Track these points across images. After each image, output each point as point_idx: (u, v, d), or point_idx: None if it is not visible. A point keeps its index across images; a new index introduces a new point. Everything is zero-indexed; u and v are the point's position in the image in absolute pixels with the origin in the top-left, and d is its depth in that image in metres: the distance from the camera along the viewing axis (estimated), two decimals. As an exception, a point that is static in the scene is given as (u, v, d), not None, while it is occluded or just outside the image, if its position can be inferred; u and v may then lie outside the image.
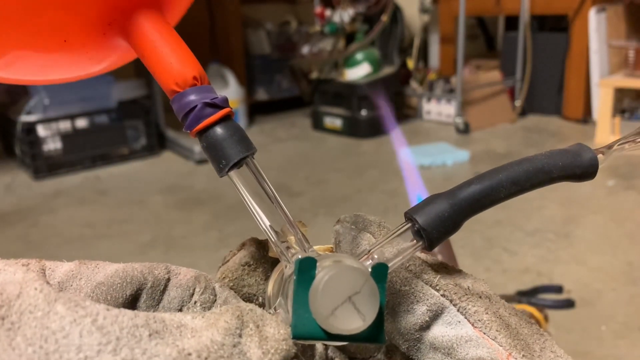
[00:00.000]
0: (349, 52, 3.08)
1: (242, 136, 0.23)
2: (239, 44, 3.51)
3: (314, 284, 0.20)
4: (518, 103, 3.21)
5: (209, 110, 0.23)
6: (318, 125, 3.21)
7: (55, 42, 0.24)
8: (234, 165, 0.23)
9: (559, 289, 1.45)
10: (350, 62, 3.08)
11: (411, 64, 3.38)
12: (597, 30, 2.89)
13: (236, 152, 0.23)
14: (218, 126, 0.23)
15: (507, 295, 1.41)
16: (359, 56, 3.07)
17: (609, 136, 2.71)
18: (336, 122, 3.11)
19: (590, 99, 3.01)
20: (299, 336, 0.20)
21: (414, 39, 3.42)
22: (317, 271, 0.20)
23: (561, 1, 3.06)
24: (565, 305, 1.39)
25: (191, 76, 0.23)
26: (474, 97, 3.12)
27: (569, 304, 1.40)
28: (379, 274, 0.21)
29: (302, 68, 3.29)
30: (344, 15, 3.06)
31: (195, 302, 0.23)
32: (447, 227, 0.22)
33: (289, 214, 0.24)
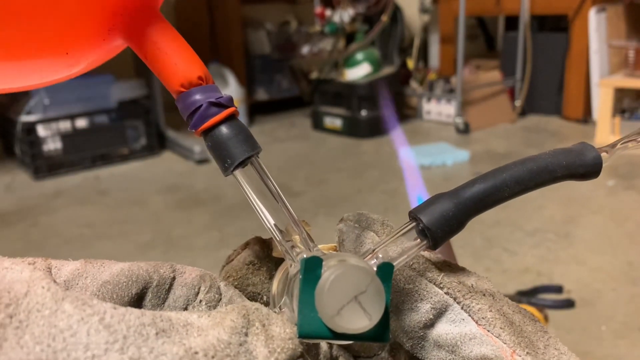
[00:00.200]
0: (349, 52, 3.08)
1: (247, 135, 0.23)
2: (239, 44, 3.51)
3: (320, 283, 0.20)
4: (518, 103, 3.21)
5: (214, 109, 0.23)
6: (318, 125, 3.21)
7: (57, 54, 0.23)
8: (239, 165, 0.23)
9: (559, 289, 1.45)
10: (350, 62, 3.08)
11: (411, 64, 3.38)
12: (597, 30, 2.90)
13: (241, 152, 0.23)
14: (223, 125, 0.23)
15: (507, 295, 1.41)
16: (359, 56, 3.07)
17: (609, 136, 2.71)
18: (336, 122, 3.11)
19: (590, 99, 3.01)
20: (304, 335, 0.20)
21: (414, 39, 3.42)
22: (323, 270, 0.20)
23: (561, 1, 3.06)
24: (565, 305, 1.39)
25: (196, 76, 0.23)
26: (474, 97, 3.12)
27: (569, 304, 1.40)
28: (385, 273, 0.21)
29: (302, 68, 3.29)
30: (344, 15, 3.06)
31: (200, 301, 0.23)
32: (452, 226, 0.22)
33: (293, 213, 0.24)
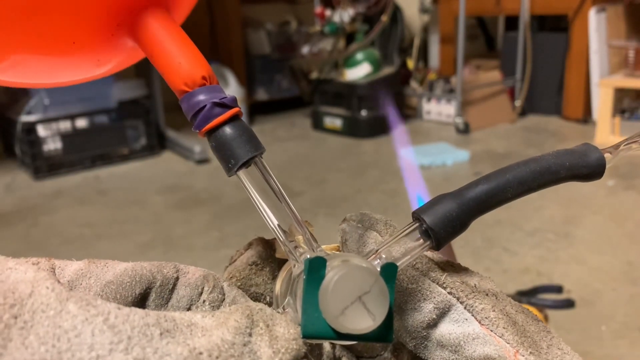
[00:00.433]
0: (349, 52, 3.08)
1: (251, 136, 0.23)
2: (239, 44, 3.51)
3: (323, 283, 0.20)
4: (518, 103, 3.21)
5: (217, 110, 0.23)
6: (318, 125, 3.21)
7: (63, 44, 0.24)
8: (242, 165, 0.23)
9: (559, 289, 1.45)
10: (350, 62, 3.08)
11: (411, 64, 3.38)
12: (597, 30, 2.90)
13: (245, 152, 0.23)
14: (227, 126, 0.23)
15: (507, 295, 1.41)
16: (359, 56, 3.07)
17: (609, 136, 2.71)
18: (336, 122, 3.11)
19: (590, 99, 3.01)
20: (308, 335, 0.20)
21: (414, 39, 3.42)
22: (327, 271, 0.20)
23: (561, 1, 3.07)
24: (565, 305, 1.39)
25: (200, 76, 0.23)
26: (474, 97, 3.12)
27: (569, 304, 1.40)
28: (388, 274, 0.21)
29: (302, 68, 3.28)
30: (344, 15, 3.06)
31: (204, 301, 0.23)
32: (455, 227, 0.22)
33: (297, 213, 0.24)
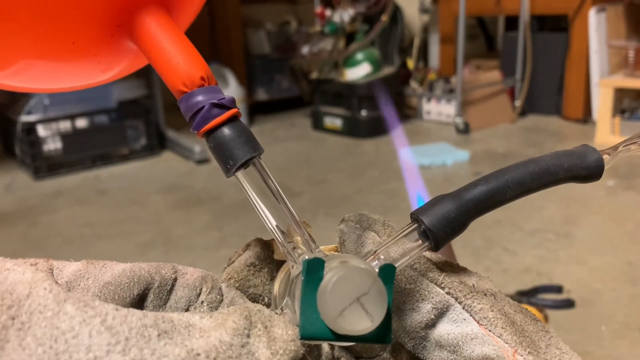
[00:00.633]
0: (349, 52, 3.08)
1: (249, 136, 0.23)
2: (239, 44, 3.51)
3: (322, 284, 0.20)
4: (518, 103, 3.21)
5: (216, 110, 0.23)
6: (318, 125, 3.21)
7: (63, 44, 0.23)
8: (241, 166, 0.23)
9: (559, 289, 1.45)
10: (350, 62, 3.08)
11: (411, 64, 3.38)
12: (597, 30, 2.90)
13: (243, 153, 0.23)
14: (225, 127, 0.23)
15: (507, 295, 1.41)
16: (359, 56, 3.07)
17: (609, 136, 2.71)
18: (336, 122, 3.11)
19: (590, 99, 3.01)
20: (307, 337, 0.20)
21: (414, 39, 3.42)
22: (325, 272, 0.20)
23: (561, 1, 3.06)
24: (565, 305, 1.39)
25: (198, 76, 0.23)
26: (474, 97, 3.12)
27: (569, 304, 1.40)
28: (387, 275, 0.21)
29: (302, 68, 3.28)
30: (344, 15, 3.06)
31: (202, 302, 0.23)
32: (454, 227, 0.22)
33: (295, 214, 0.24)
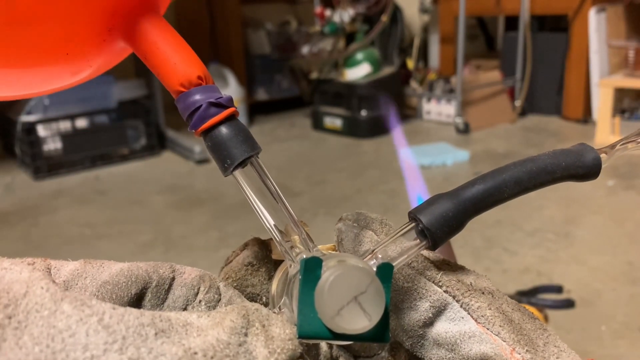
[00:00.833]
0: (349, 52, 3.08)
1: (247, 136, 0.23)
2: (239, 44, 3.51)
3: (319, 283, 0.20)
4: (518, 103, 3.21)
5: (213, 109, 0.23)
6: (318, 125, 3.21)
7: (57, 56, 0.23)
8: (238, 165, 0.23)
9: (559, 289, 1.45)
10: (350, 62, 3.08)
11: (411, 64, 3.38)
12: (597, 30, 2.90)
13: (241, 152, 0.23)
14: (223, 126, 0.23)
15: (506, 295, 1.41)
16: (359, 56, 3.07)
17: (609, 136, 2.71)
18: (336, 122, 3.11)
19: (590, 99, 3.01)
20: (304, 335, 0.20)
21: (414, 39, 3.42)
22: (323, 271, 0.20)
23: (561, 1, 3.06)
24: (565, 305, 1.39)
25: (195, 76, 0.23)
26: (474, 97, 3.12)
27: (569, 304, 1.40)
28: (385, 274, 0.21)
29: (302, 68, 3.28)
30: (344, 15, 3.06)
31: (200, 301, 0.23)
32: (451, 226, 0.22)
33: (293, 213, 0.24)
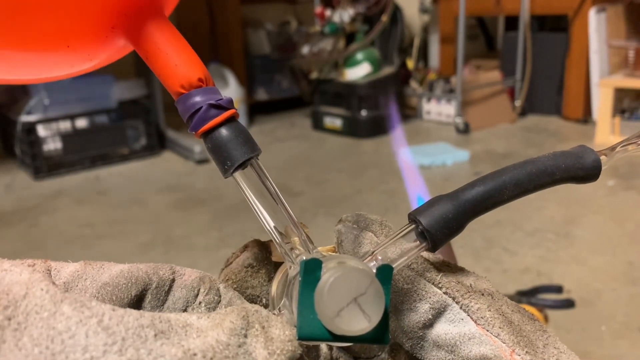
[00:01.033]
0: (349, 52, 3.08)
1: (247, 137, 0.23)
2: (239, 44, 3.51)
3: (319, 285, 0.20)
4: (518, 103, 3.21)
5: (214, 111, 0.23)
6: (318, 125, 3.21)
7: (58, 47, 0.24)
8: (238, 166, 0.23)
9: (559, 289, 1.45)
10: (350, 62, 3.08)
11: (411, 64, 3.38)
12: (597, 30, 2.90)
13: (241, 153, 0.23)
14: (223, 127, 0.23)
15: (507, 295, 1.41)
16: (359, 56, 3.07)
17: (609, 136, 2.71)
18: (336, 122, 3.11)
19: (590, 99, 3.01)
20: (304, 337, 0.20)
21: (414, 39, 3.42)
22: (323, 272, 0.20)
23: (561, 1, 3.06)
24: (565, 305, 1.39)
25: (196, 77, 0.23)
26: (474, 97, 3.12)
27: (569, 304, 1.40)
28: (384, 275, 0.21)
29: (302, 68, 3.28)
30: (344, 15, 3.06)
31: (199, 303, 0.23)
32: (451, 228, 0.22)
33: (293, 215, 0.24)
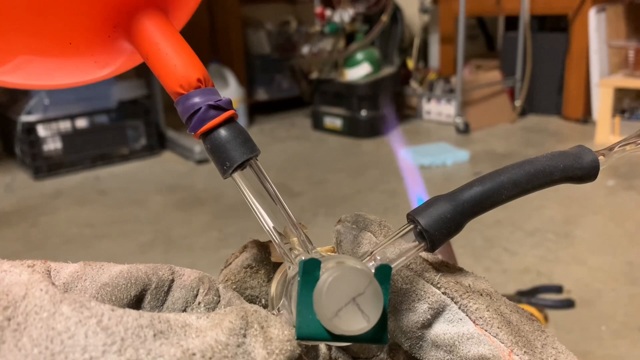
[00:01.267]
0: (349, 52, 3.08)
1: (246, 138, 0.24)
2: (239, 44, 3.51)
3: (318, 285, 0.20)
4: (518, 103, 3.21)
5: (213, 112, 0.23)
6: (318, 125, 3.21)
7: (60, 44, 0.24)
8: (237, 167, 0.23)
9: (559, 289, 1.45)
10: (350, 62, 3.08)
11: (411, 64, 3.38)
12: (597, 30, 2.90)
13: (240, 154, 0.23)
14: (222, 128, 0.23)
15: (507, 295, 1.41)
16: (359, 56, 3.07)
17: (609, 136, 2.71)
18: (336, 122, 3.11)
19: (590, 99, 3.01)
20: (303, 337, 0.20)
21: (414, 39, 3.42)
22: (321, 272, 0.20)
23: (561, 1, 3.06)
24: (565, 305, 1.39)
25: (195, 78, 0.23)
26: (474, 97, 3.12)
27: (569, 304, 1.40)
28: (383, 275, 0.21)
29: (302, 68, 3.28)
30: (344, 15, 3.06)
31: (199, 303, 0.23)
32: (449, 228, 0.22)
33: (292, 215, 0.24)
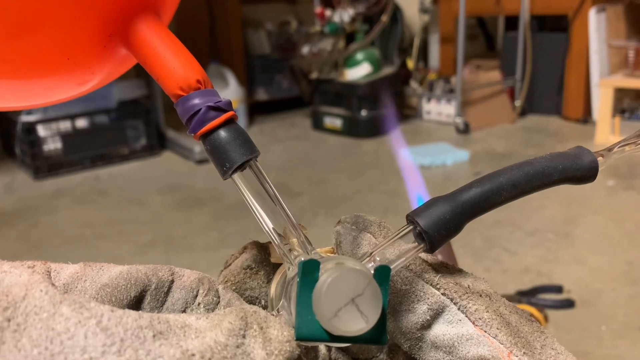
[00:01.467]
0: (349, 52, 3.08)
1: (246, 139, 0.24)
2: (239, 44, 3.51)
3: (317, 286, 0.20)
4: (518, 103, 3.21)
5: (212, 113, 0.23)
6: (318, 125, 3.21)
7: (58, 61, 0.24)
8: (237, 168, 0.23)
9: (559, 289, 1.45)
10: (350, 62, 3.08)
11: (411, 64, 3.38)
12: (597, 30, 2.90)
13: (240, 155, 0.23)
14: (222, 129, 0.23)
15: (507, 295, 1.41)
16: (359, 56, 3.07)
17: (609, 136, 2.71)
18: (336, 122, 3.11)
19: (590, 99, 3.01)
20: (302, 338, 0.20)
21: (414, 39, 3.42)
22: (320, 273, 0.20)
23: (561, 1, 3.06)
24: (565, 305, 1.39)
25: (194, 80, 0.24)
26: (474, 97, 3.12)
27: (569, 304, 1.40)
28: (382, 276, 0.21)
29: (302, 68, 3.28)
30: (344, 15, 3.06)
31: (198, 304, 0.23)
32: (449, 229, 0.22)
33: (291, 216, 0.24)
